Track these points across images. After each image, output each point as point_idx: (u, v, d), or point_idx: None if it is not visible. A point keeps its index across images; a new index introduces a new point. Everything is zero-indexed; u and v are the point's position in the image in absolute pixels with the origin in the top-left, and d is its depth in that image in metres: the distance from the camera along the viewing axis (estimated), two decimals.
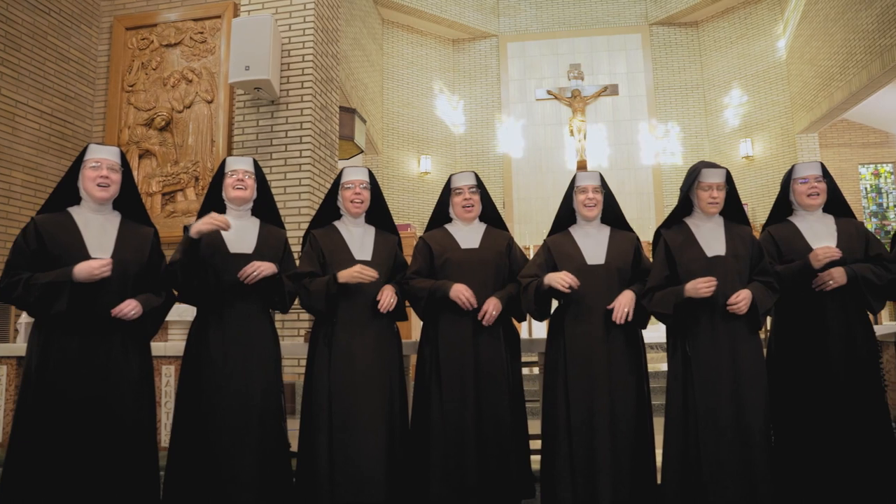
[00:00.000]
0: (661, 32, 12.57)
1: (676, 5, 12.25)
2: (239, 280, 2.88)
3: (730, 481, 2.65)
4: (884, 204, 12.38)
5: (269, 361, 2.97)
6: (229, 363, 2.85)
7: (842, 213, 3.06)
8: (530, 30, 12.82)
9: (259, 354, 2.92)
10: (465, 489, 2.91)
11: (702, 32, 12.47)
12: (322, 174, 5.89)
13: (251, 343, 2.92)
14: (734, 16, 12.05)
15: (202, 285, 2.92)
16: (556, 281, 2.88)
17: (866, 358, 2.86)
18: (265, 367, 2.94)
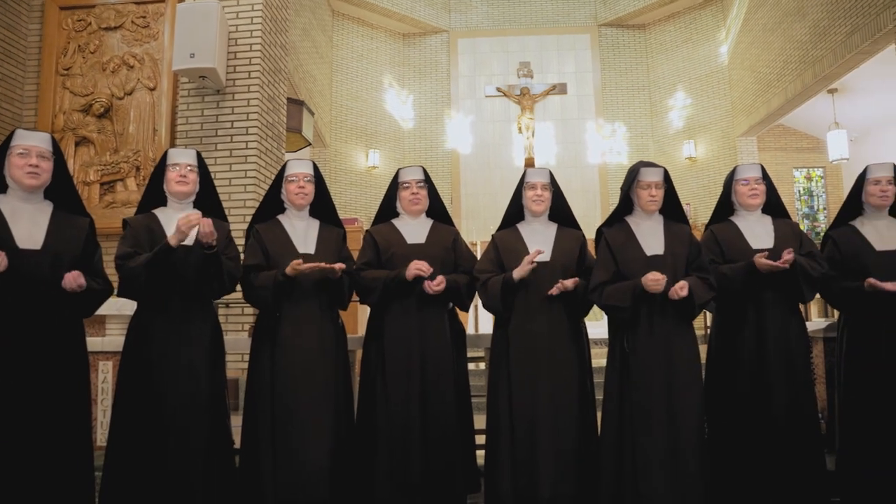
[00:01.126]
0: (609, 34, 12.78)
1: (625, 7, 12.47)
2: (182, 275, 2.80)
3: (662, 474, 2.72)
4: (815, 206, 12.88)
5: (213, 357, 2.90)
6: (174, 359, 2.78)
7: (779, 214, 3.17)
8: (481, 26, 12.86)
9: (203, 350, 2.86)
10: (410, 485, 2.91)
11: (649, 35, 12.73)
12: (268, 166, 5.78)
13: (196, 338, 2.85)
14: (680, 20, 12.34)
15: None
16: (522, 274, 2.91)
17: (800, 352, 2.96)
18: (210, 362, 2.87)
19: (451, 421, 3.00)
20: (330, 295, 3.06)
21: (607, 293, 2.88)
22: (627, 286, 2.84)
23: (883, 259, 3.04)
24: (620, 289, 2.86)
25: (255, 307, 3.11)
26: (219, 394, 2.91)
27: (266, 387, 2.90)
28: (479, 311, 7.57)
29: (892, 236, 3.10)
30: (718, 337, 3.10)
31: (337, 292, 3.07)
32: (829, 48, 8.57)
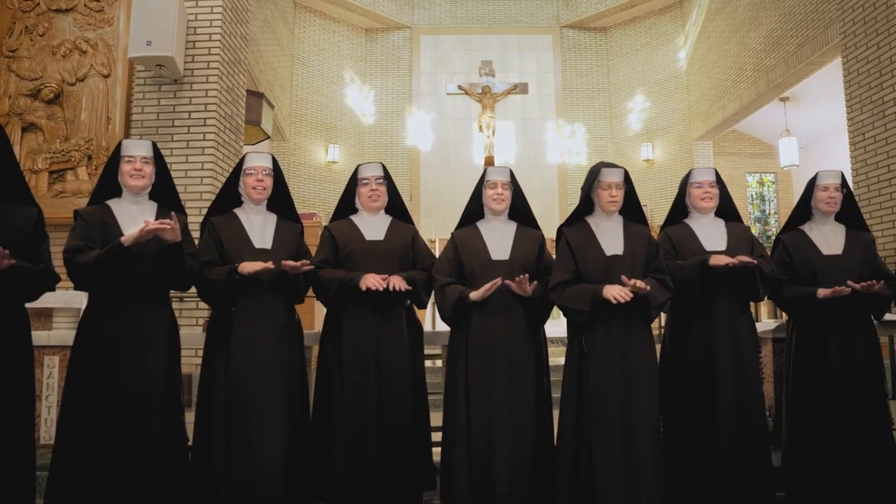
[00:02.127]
0: (571, 35, 12.91)
1: (587, 10, 12.61)
2: (136, 270, 2.73)
3: (618, 473, 2.75)
4: (766, 210, 13.24)
5: (168, 353, 2.84)
6: (128, 356, 2.71)
7: (731, 218, 3.25)
8: (444, 24, 12.85)
9: (159, 346, 2.80)
10: (366, 483, 2.89)
11: (610, 38, 12.90)
12: (226, 159, 5.68)
13: (150, 334, 2.78)
14: (640, 25, 12.53)
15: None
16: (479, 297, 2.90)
17: (749, 352, 3.04)
18: (165, 359, 2.81)
19: (407, 418, 2.99)
20: (286, 290, 3.02)
21: (567, 294, 2.90)
22: (588, 291, 2.85)
23: (829, 263, 3.15)
24: (581, 291, 2.87)
25: (208, 303, 3.05)
26: (173, 390, 2.85)
27: (220, 383, 2.86)
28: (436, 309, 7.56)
29: (837, 241, 3.21)
30: (671, 337, 3.16)
31: (293, 287, 3.03)
32: (781, 58, 8.81)
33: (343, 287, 2.99)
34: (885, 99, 5.67)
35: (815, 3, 8.03)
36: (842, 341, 3.06)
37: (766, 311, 7.55)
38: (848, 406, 3.01)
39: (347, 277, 3.00)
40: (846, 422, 2.99)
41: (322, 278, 3.05)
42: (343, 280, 2.99)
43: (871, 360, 3.09)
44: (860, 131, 6.02)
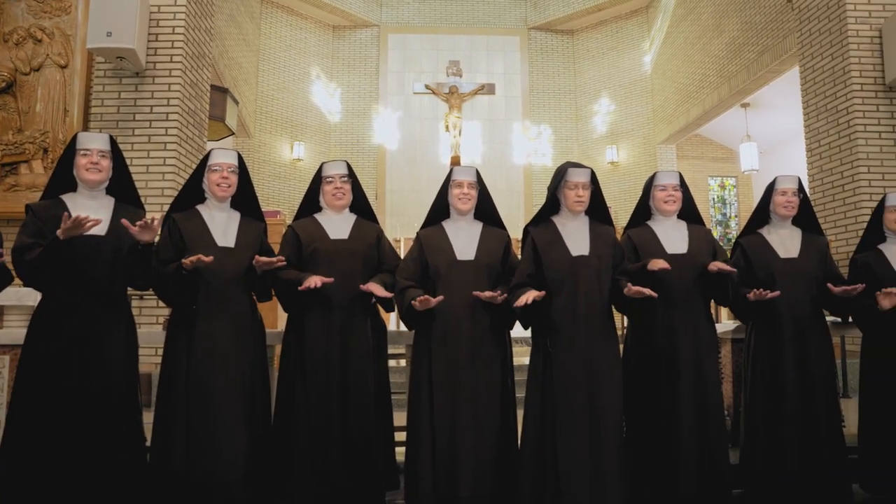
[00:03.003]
0: (538, 37, 12.99)
1: (554, 13, 12.71)
2: (91, 265, 2.67)
3: (583, 473, 2.77)
4: (727, 214, 13.50)
5: (125, 351, 2.78)
6: (82, 353, 2.65)
7: (693, 221, 3.29)
8: (412, 23, 12.83)
9: (116, 347, 2.74)
10: (329, 483, 2.87)
11: (577, 41, 13.02)
12: (189, 154, 5.58)
13: (106, 332, 2.73)
14: (607, 29, 12.68)
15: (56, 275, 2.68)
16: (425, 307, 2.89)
17: (708, 352, 3.09)
18: (122, 359, 2.75)
19: (370, 418, 2.97)
20: (253, 287, 2.98)
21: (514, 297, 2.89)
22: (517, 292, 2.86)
23: (785, 265, 3.22)
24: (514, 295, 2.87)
25: (165, 302, 3.00)
26: (131, 391, 2.80)
27: (181, 382, 2.80)
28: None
29: (794, 245, 3.28)
30: (633, 337, 3.20)
31: (261, 285, 2.99)
32: (743, 65, 9.00)
33: (292, 287, 2.95)
34: (839, 108, 5.83)
35: (774, 13, 8.22)
36: (797, 342, 3.14)
37: (725, 313, 7.69)
38: (802, 405, 3.08)
39: (298, 278, 2.96)
40: (800, 420, 3.07)
41: (278, 280, 3.01)
42: (294, 281, 2.96)
43: (825, 359, 3.17)
44: (816, 138, 6.17)
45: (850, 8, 5.73)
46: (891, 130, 5.68)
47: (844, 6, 5.75)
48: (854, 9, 5.73)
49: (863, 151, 5.64)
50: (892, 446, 3.11)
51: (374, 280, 3.03)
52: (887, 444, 3.13)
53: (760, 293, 3.00)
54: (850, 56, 5.71)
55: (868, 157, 5.64)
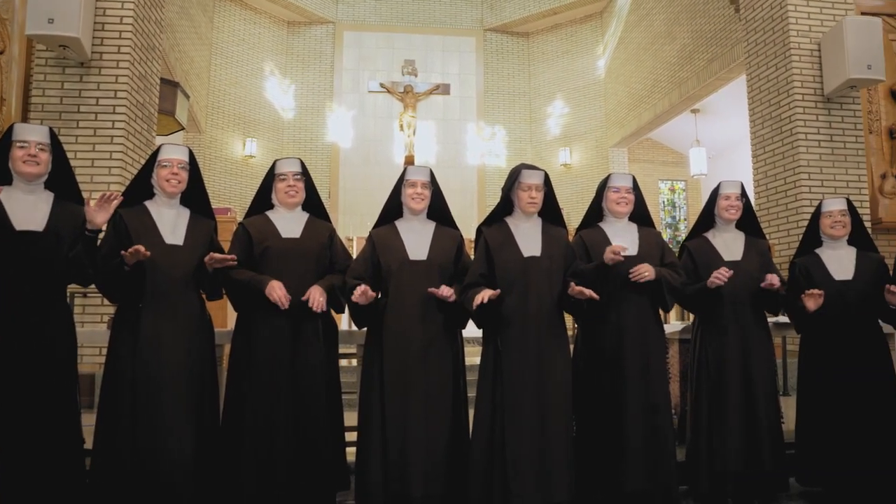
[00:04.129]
0: (494, 39, 13.07)
1: (510, 14, 12.81)
2: (26, 262, 2.58)
3: (531, 470, 2.80)
4: (676, 216, 13.82)
5: (61, 350, 2.70)
6: (16, 354, 2.56)
7: (644, 223, 3.36)
8: (368, 21, 12.77)
9: (51, 343, 2.65)
10: (278, 483, 2.84)
11: (532, 44, 13.14)
12: (137, 149, 5.44)
13: (42, 331, 2.64)
14: (561, 32, 12.83)
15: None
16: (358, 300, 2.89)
17: (656, 352, 3.15)
18: (58, 357, 2.67)
19: (320, 417, 2.95)
20: (202, 285, 2.93)
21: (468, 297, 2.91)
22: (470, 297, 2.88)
23: (729, 267, 3.30)
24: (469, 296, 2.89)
25: (109, 299, 2.92)
26: (68, 391, 2.72)
27: (126, 383, 2.73)
28: None
29: (737, 247, 3.39)
30: (583, 337, 3.25)
31: (211, 283, 2.94)
32: (693, 71, 9.22)
33: (247, 289, 2.92)
34: (783, 116, 6.02)
35: (723, 22, 8.44)
36: (740, 342, 3.24)
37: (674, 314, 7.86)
38: (744, 403, 3.19)
39: (254, 280, 2.92)
40: (741, 417, 3.17)
41: (230, 279, 2.96)
42: (249, 282, 2.92)
43: (765, 359, 3.29)
44: (761, 145, 6.37)
45: (792, 21, 5.93)
46: (829, 140, 5.90)
47: (787, 19, 5.95)
48: (796, 22, 5.94)
49: (804, 159, 5.85)
50: (824, 441, 3.23)
51: (321, 283, 3.00)
52: (820, 439, 3.25)
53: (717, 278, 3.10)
54: (792, 67, 5.91)
55: (809, 164, 5.85)
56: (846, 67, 5.60)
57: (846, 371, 3.21)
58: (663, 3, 10.09)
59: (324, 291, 2.96)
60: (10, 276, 2.60)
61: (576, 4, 12.19)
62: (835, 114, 5.94)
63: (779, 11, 6.06)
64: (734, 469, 3.14)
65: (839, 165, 5.90)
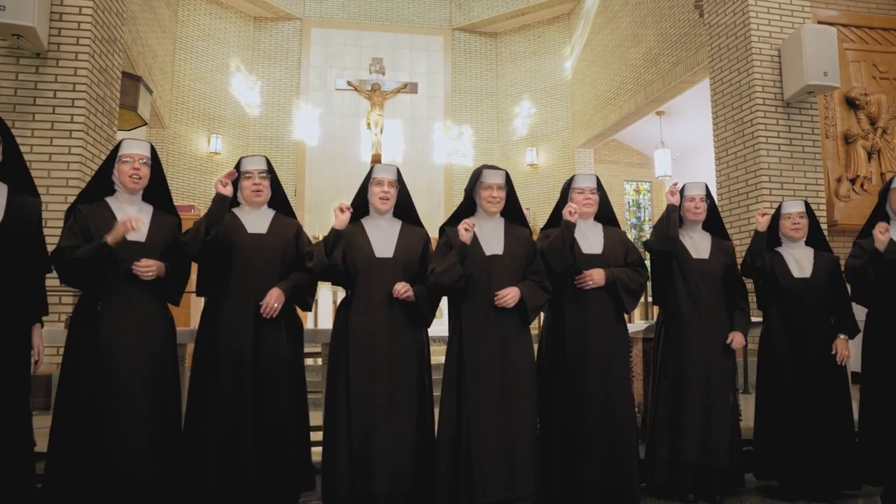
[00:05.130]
0: (462, 38, 13.09)
1: (479, 14, 12.83)
2: None
3: (495, 466, 2.83)
4: (641, 217, 14.01)
5: (16, 352, 2.62)
6: None
7: (609, 223, 3.40)
8: (336, 18, 12.68)
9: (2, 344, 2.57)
10: (241, 483, 2.81)
11: (499, 44, 13.19)
12: (97, 144, 5.32)
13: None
14: (529, 33, 12.90)
15: None
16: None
17: (619, 351, 3.19)
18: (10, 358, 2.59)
19: (284, 417, 2.93)
20: (159, 287, 2.88)
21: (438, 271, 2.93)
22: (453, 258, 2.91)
23: (697, 266, 3.40)
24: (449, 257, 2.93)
25: (73, 285, 2.84)
26: (21, 392, 2.64)
27: (84, 383, 2.68)
28: (318, 305, 7.46)
29: (704, 247, 3.46)
30: (548, 336, 3.28)
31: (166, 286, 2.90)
32: (658, 74, 9.35)
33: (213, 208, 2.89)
34: (745, 119, 6.15)
35: (688, 26, 8.57)
36: (703, 340, 3.31)
37: (638, 313, 7.99)
38: (704, 400, 3.25)
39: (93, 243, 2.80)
40: (701, 414, 3.24)
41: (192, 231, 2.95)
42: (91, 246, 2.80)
43: (727, 357, 3.36)
44: (724, 147, 6.49)
45: (753, 27, 6.06)
46: (788, 143, 6.05)
47: (749, 25, 6.07)
48: (757, 28, 6.07)
49: (765, 162, 5.97)
50: (781, 437, 3.33)
51: (283, 284, 2.99)
52: (777, 435, 3.34)
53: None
54: (753, 72, 6.04)
55: (769, 167, 5.98)
56: (804, 74, 5.74)
57: (802, 368, 3.31)
58: (630, 6, 10.22)
59: (282, 294, 2.95)
60: None
61: (544, 6, 12.28)
62: (794, 118, 6.09)
63: (741, 17, 6.18)
64: (692, 463, 3.20)
65: (798, 169, 6.05)
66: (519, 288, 2.95)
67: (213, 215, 2.87)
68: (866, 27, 7.14)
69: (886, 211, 3.43)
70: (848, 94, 6.93)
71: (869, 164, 6.92)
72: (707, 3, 6.76)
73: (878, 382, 3.25)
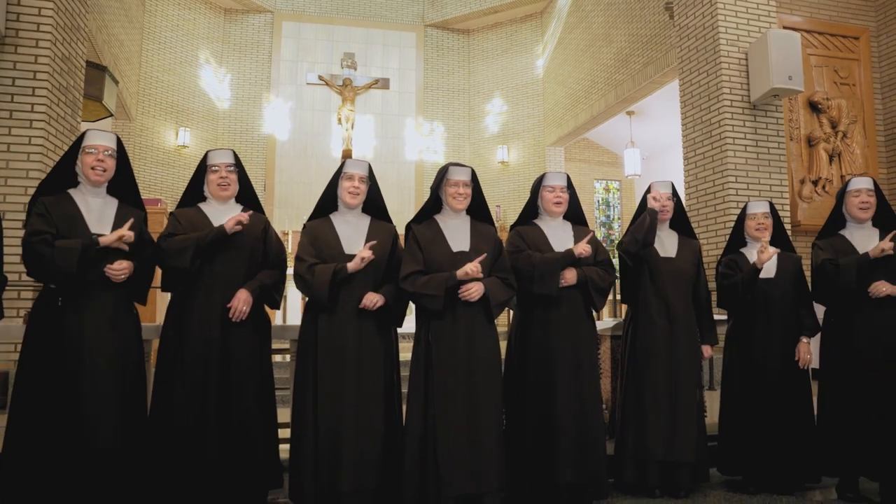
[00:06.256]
0: (434, 35, 13.07)
1: (451, 11, 12.82)
2: None
3: (462, 462, 2.84)
4: (611, 216, 14.14)
5: None
6: None
7: (578, 221, 3.42)
8: (308, 11, 12.57)
9: None
10: (208, 480, 2.78)
11: (472, 41, 13.19)
12: (60, 134, 5.20)
13: None
14: (502, 30, 12.93)
15: None
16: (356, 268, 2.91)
17: (587, 348, 3.22)
18: None
19: (252, 414, 2.90)
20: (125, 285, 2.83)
21: (420, 283, 2.94)
22: (442, 277, 2.92)
23: (665, 263, 3.44)
24: (434, 278, 2.93)
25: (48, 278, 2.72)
26: None
27: (45, 380, 2.61)
28: (287, 302, 7.39)
29: (671, 245, 3.51)
30: (517, 333, 3.29)
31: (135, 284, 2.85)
32: (629, 74, 9.43)
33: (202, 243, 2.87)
34: (713, 121, 6.23)
35: (659, 27, 8.67)
36: (670, 336, 3.36)
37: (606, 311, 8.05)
38: (671, 396, 3.30)
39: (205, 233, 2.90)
40: (668, 410, 3.29)
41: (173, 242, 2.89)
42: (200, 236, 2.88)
43: (693, 354, 3.41)
44: (692, 148, 6.57)
45: (722, 30, 6.15)
46: (754, 145, 6.15)
47: (717, 28, 6.16)
48: (725, 31, 6.16)
49: (731, 162, 6.07)
50: (745, 433, 3.39)
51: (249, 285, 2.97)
52: (741, 431, 3.41)
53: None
54: (721, 74, 6.13)
55: (736, 167, 6.07)
56: (770, 77, 5.85)
57: (766, 366, 3.38)
58: (602, 6, 10.29)
59: (250, 297, 2.93)
60: None
61: (516, 4, 12.31)
62: (760, 120, 6.19)
63: (710, 20, 6.26)
64: (658, 458, 3.25)
65: (763, 170, 6.16)
66: (483, 283, 2.95)
67: (206, 248, 2.88)
68: (828, 34, 7.31)
69: (843, 213, 3.50)
70: (811, 98, 7.08)
71: (830, 167, 7.08)
72: (677, 5, 6.84)
73: (835, 378, 3.33)
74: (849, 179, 3.54)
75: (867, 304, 3.23)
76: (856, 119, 7.29)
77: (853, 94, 7.34)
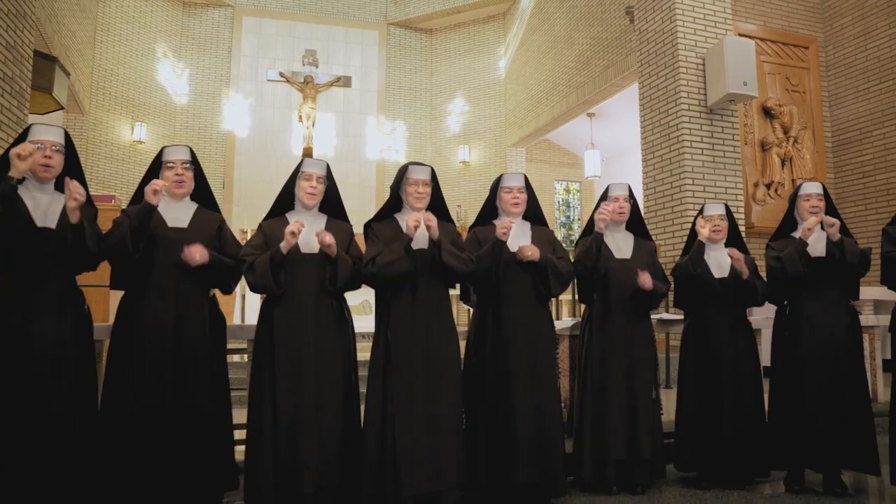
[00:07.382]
0: (397, 33, 13.03)
1: (414, 10, 12.80)
2: None
3: (421, 460, 2.83)
4: (571, 216, 14.29)
5: None
6: None
7: (537, 222, 3.44)
8: (269, 7, 12.42)
9: None
10: (161, 483, 2.72)
11: (435, 40, 13.19)
12: (5, 127, 5.03)
13: None
14: (464, 31, 12.96)
15: None
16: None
17: (545, 347, 3.24)
18: None
19: (206, 414, 2.84)
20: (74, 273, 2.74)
21: (380, 257, 2.91)
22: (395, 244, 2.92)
23: (620, 265, 3.49)
24: (389, 248, 2.93)
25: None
26: None
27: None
28: (245, 301, 7.28)
29: (627, 247, 3.55)
30: (475, 332, 3.29)
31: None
32: (590, 76, 9.54)
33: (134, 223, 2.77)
34: (671, 124, 6.34)
35: (619, 31, 8.78)
36: (626, 336, 3.41)
37: (566, 310, 8.13)
38: (627, 395, 3.35)
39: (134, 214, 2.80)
40: (625, 409, 3.33)
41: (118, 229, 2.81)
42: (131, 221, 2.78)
43: (649, 353, 3.46)
44: (651, 150, 6.68)
45: (680, 36, 6.26)
46: (711, 148, 6.28)
47: (676, 33, 6.27)
48: (684, 37, 6.27)
49: (689, 165, 6.18)
50: (700, 430, 3.47)
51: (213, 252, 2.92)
52: (696, 427, 3.49)
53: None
54: (679, 79, 6.24)
55: (693, 170, 6.19)
56: (726, 83, 5.98)
57: (720, 364, 3.46)
58: (564, 8, 10.39)
59: (206, 253, 2.86)
60: None
61: (479, 4, 12.35)
62: (716, 124, 6.33)
63: (669, 25, 6.37)
64: (616, 457, 3.29)
65: (719, 173, 6.29)
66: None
67: (141, 228, 2.78)
68: (781, 42, 7.52)
69: (795, 216, 3.60)
70: (764, 103, 7.27)
71: (783, 171, 7.28)
72: (637, 10, 6.94)
73: (782, 374, 3.46)
74: (800, 184, 3.64)
75: (806, 296, 3.39)
76: (806, 125, 7.51)
77: (804, 101, 7.56)
